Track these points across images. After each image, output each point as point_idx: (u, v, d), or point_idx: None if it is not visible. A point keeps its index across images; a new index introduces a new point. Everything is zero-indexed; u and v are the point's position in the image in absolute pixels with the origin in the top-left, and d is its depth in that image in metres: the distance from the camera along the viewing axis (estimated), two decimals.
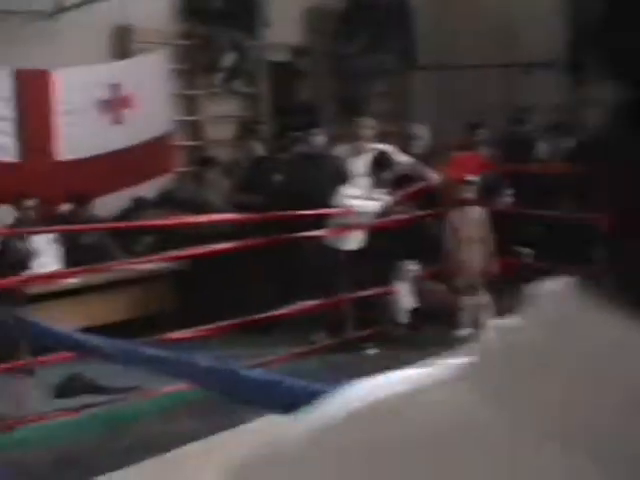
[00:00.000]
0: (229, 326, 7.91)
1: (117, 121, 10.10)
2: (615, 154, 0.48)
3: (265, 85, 11.78)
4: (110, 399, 7.03)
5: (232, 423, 6.52)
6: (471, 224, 8.61)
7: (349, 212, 8.43)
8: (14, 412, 6.53)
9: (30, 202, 8.81)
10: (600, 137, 0.50)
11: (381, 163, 8.85)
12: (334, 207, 8.49)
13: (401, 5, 13.09)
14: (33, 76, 9.45)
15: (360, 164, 8.93)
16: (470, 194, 8.63)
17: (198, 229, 9.56)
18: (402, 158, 9.29)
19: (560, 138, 11.06)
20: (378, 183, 8.73)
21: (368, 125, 9.49)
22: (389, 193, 8.96)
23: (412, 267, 8.90)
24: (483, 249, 8.52)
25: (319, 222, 8.48)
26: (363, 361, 8.25)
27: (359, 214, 8.50)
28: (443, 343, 8.47)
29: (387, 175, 8.74)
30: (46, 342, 3.62)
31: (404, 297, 8.79)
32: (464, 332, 8.64)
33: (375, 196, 8.66)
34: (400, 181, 9.20)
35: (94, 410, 6.81)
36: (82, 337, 3.12)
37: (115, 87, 10.00)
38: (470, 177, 8.72)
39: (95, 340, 3.02)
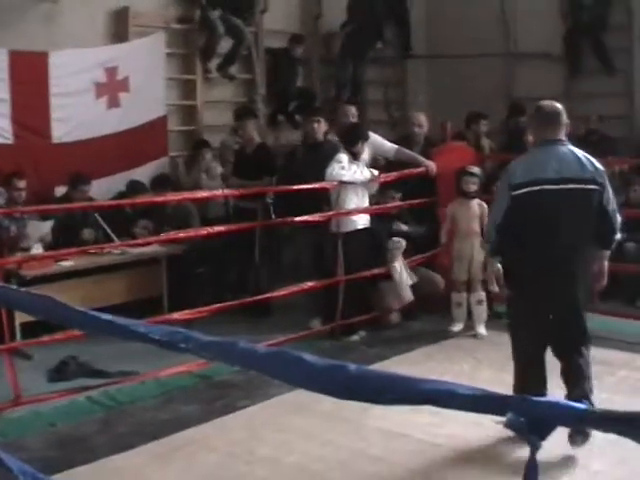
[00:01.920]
0: (226, 307, 7.90)
1: (113, 104, 10.06)
2: None
3: (261, 71, 11.75)
4: (107, 382, 7.01)
5: (229, 409, 6.55)
6: (471, 216, 8.54)
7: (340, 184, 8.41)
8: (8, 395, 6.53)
9: (21, 183, 8.79)
10: None
11: (351, 135, 8.78)
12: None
13: None
14: (29, 58, 9.39)
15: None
16: (472, 185, 8.55)
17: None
18: (386, 144, 9.26)
19: None
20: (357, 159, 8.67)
21: (350, 112, 9.53)
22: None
23: (401, 242, 8.89)
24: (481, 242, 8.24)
25: (318, 206, 8.48)
26: (353, 348, 8.31)
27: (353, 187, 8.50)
28: (434, 336, 8.54)
29: (360, 150, 8.65)
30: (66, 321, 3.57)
31: (401, 274, 8.79)
32: (456, 327, 8.64)
33: (365, 170, 8.66)
34: (392, 167, 9.18)
35: (91, 393, 6.80)
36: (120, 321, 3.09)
37: (112, 70, 9.96)
38: (472, 168, 8.66)
39: (134, 324, 2.99)
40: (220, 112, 11.37)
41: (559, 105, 5.74)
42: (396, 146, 9.23)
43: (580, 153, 5.57)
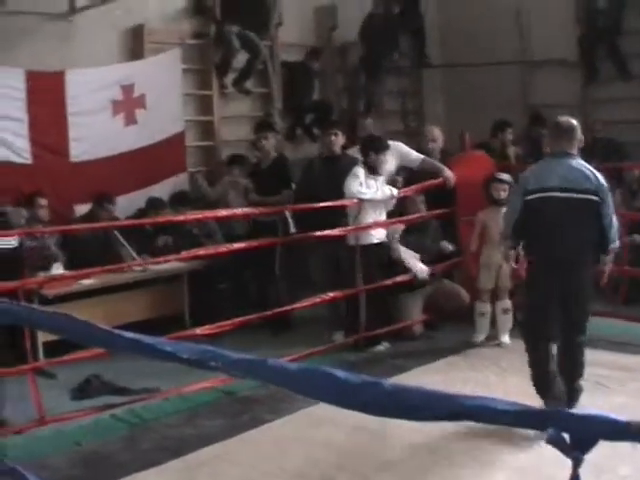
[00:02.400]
0: (248, 321, 7.88)
1: (130, 122, 10.07)
2: None
3: (277, 85, 11.74)
4: (130, 400, 7.00)
5: (253, 423, 6.52)
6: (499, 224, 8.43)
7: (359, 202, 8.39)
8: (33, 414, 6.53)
9: (43, 201, 8.83)
10: None
11: (371, 146, 8.76)
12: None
13: (414, 4, 13.06)
14: (45, 77, 9.41)
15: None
16: (502, 192, 8.39)
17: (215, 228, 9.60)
18: (412, 154, 9.25)
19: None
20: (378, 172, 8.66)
21: (366, 125, 9.52)
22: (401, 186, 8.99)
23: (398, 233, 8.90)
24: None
25: (336, 219, 8.47)
26: (378, 360, 8.27)
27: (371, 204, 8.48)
28: (457, 346, 8.50)
29: (376, 162, 8.63)
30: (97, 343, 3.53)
31: (415, 264, 8.76)
32: (480, 337, 8.59)
33: (384, 187, 8.65)
34: (415, 177, 9.16)
35: (115, 411, 6.79)
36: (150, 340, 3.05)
37: (128, 88, 9.98)
38: (502, 175, 8.56)
39: (164, 344, 2.96)
40: (237, 127, 11.39)
41: (574, 121, 6.32)
42: (422, 156, 9.23)
43: (587, 167, 6.19)
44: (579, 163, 6.20)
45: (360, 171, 8.50)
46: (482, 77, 13.05)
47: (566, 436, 2.03)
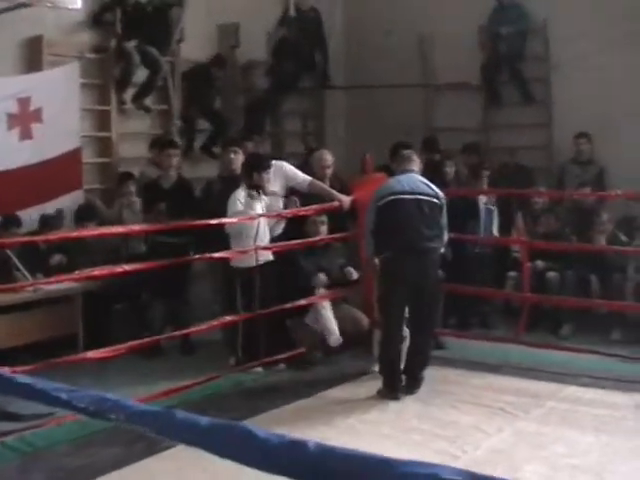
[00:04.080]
0: (142, 345, 7.75)
1: (26, 136, 9.73)
2: None
3: (177, 102, 11.54)
4: (21, 427, 6.69)
5: (149, 451, 6.29)
6: None
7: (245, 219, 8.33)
8: None
9: None
10: None
11: (253, 166, 8.68)
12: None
13: (317, 25, 13.03)
14: None
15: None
16: None
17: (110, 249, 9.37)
18: (299, 175, 9.15)
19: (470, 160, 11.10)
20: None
21: (261, 144, 9.45)
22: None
23: (323, 279, 8.81)
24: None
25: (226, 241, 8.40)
26: (274, 386, 8.15)
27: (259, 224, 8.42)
28: (357, 372, 8.42)
29: (259, 182, 8.57)
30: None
31: (331, 330, 8.65)
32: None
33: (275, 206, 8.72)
34: (311, 200, 9.08)
35: (6, 439, 6.49)
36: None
37: (24, 101, 9.64)
38: None
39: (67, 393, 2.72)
40: (136, 144, 11.12)
41: (412, 151, 8.65)
42: (309, 178, 9.12)
43: (426, 180, 7.83)
44: (420, 177, 7.87)
45: (241, 193, 8.43)
46: (385, 99, 13.05)
47: None
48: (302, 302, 8.54)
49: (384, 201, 7.59)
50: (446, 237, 7.89)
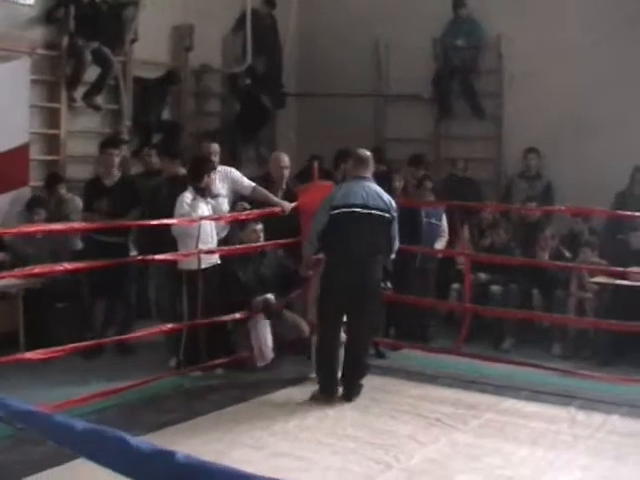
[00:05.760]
0: (83, 347, 7.65)
1: None
2: None
3: (128, 102, 11.47)
4: None
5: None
6: None
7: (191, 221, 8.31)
8: None
9: None
10: None
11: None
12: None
13: (273, 32, 13.04)
14: None
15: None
16: None
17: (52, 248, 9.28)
18: (244, 181, 9.27)
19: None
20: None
21: (213, 150, 9.39)
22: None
23: (269, 297, 8.80)
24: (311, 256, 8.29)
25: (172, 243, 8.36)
26: (214, 389, 8.13)
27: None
28: (297, 378, 8.41)
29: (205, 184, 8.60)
30: None
31: (264, 349, 8.66)
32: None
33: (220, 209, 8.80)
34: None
35: None
36: None
37: None
38: None
39: None
40: (85, 142, 11.05)
41: (369, 153, 8.14)
42: (253, 184, 9.26)
43: (379, 189, 7.86)
44: (373, 185, 7.89)
45: (188, 195, 8.45)
46: (337, 108, 13.10)
47: None
48: (237, 316, 8.58)
49: (338, 211, 7.68)
50: (396, 246, 7.96)
